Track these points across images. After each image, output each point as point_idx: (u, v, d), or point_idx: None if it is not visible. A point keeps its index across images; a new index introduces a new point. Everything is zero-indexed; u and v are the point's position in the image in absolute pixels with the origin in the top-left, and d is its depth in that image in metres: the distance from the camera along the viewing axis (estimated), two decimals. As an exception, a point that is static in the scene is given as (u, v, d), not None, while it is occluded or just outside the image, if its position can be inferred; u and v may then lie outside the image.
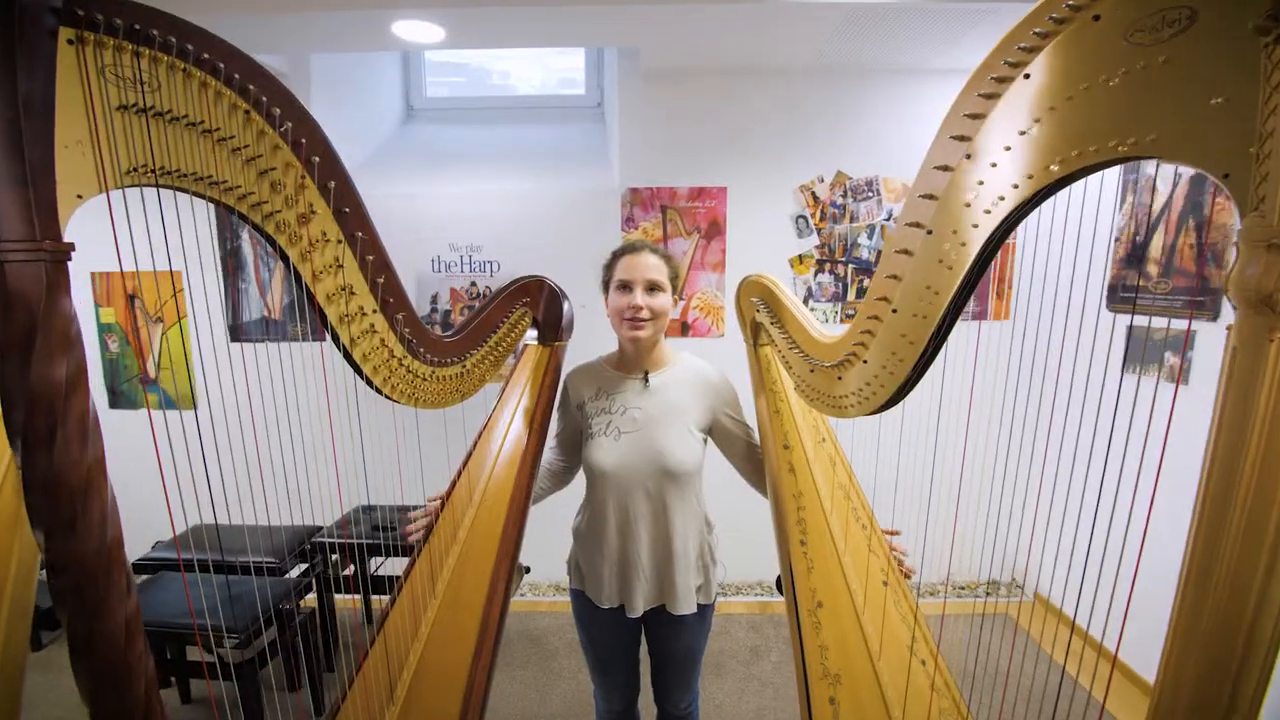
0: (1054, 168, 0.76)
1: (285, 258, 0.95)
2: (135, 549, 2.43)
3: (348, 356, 1.05)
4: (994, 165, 0.82)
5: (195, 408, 3.10)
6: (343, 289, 1.02)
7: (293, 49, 2.63)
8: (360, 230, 1.02)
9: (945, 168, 0.87)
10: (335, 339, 1.03)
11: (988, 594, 3.00)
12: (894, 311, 0.97)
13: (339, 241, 1.01)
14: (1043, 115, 0.76)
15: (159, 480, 0.88)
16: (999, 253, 0.88)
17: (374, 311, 1.06)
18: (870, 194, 2.77)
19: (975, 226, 0.84)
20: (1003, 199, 0.81)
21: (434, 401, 1.18)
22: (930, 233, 0.90)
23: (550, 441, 1.41)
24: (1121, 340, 2.43)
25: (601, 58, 3.22)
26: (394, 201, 2.87)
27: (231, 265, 2.94)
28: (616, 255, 1.31)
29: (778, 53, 2.53)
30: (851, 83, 2.72)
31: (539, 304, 1.38)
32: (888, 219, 2.79)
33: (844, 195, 2.78)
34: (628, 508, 1.29)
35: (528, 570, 1.34)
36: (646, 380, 1.33)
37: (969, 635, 2.37)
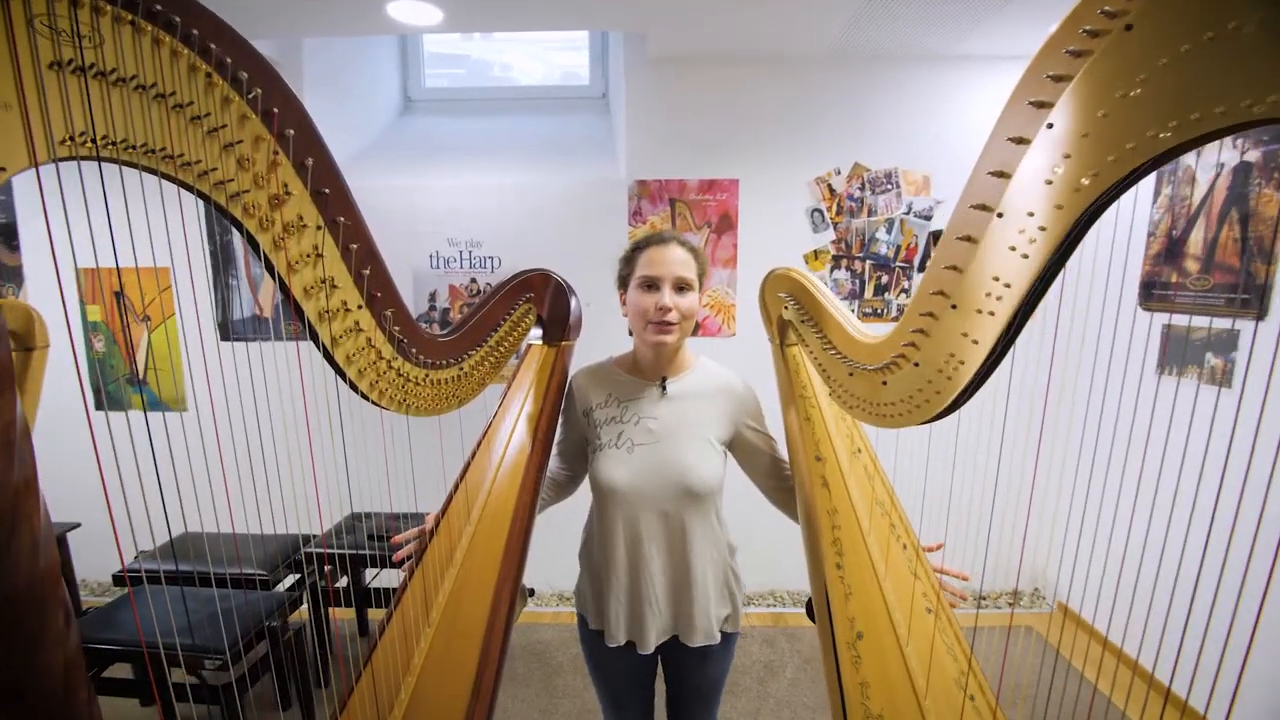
0: (1164, 135, 0.63)
1: (255, 245, 0.83)
2: (118, 559, 2.33)
3: (329, 358, 0.93)
4: (1085, 135, 0.69)
5: (185, 409, 3.00)
6: (322, 282, 0.90)
7: (283, 33, 2.50)
8: (343, 215, 0.90)
9: (1021, 140, 0.75)
10: (314, 338, 0.91)
11: (1009, 604, 2.88)
12: (953, 308, 0.84)
13: (318, 227, 0.89)
14: (1150, 73, 0.63)
15: (146, 485, 0.81)
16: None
17: (359, 307, 0.94)
18: (889, 186, 2.65)
19: (1059, 208, 0.72)
20: (1096, 175, 0.69)
21: (428, 408, 1.06)
22: (1000, 216, 0.78)
23: (552, 449, 1.29)
24: (1156, 340, 2.31)
25: (606, 45, 3.10)
26: (390, 194, 2.75)
27: (213, 260, 2.82)
28: (639, 247, 1.18)
29: (792, 38, 2.41)
30: (870, 70, 2.60)
31: (544, 300, 1.26)
32: (907, 212, 2.67)
33: (861, 188, 2.66)
34: (640, 530, 1.17)
35: (531, 594, 1.22)
36: (664, 387, 1.20)
37: (990, 647, 2.25)
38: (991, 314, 0.80)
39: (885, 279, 2.72)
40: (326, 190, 0.88)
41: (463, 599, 1.07)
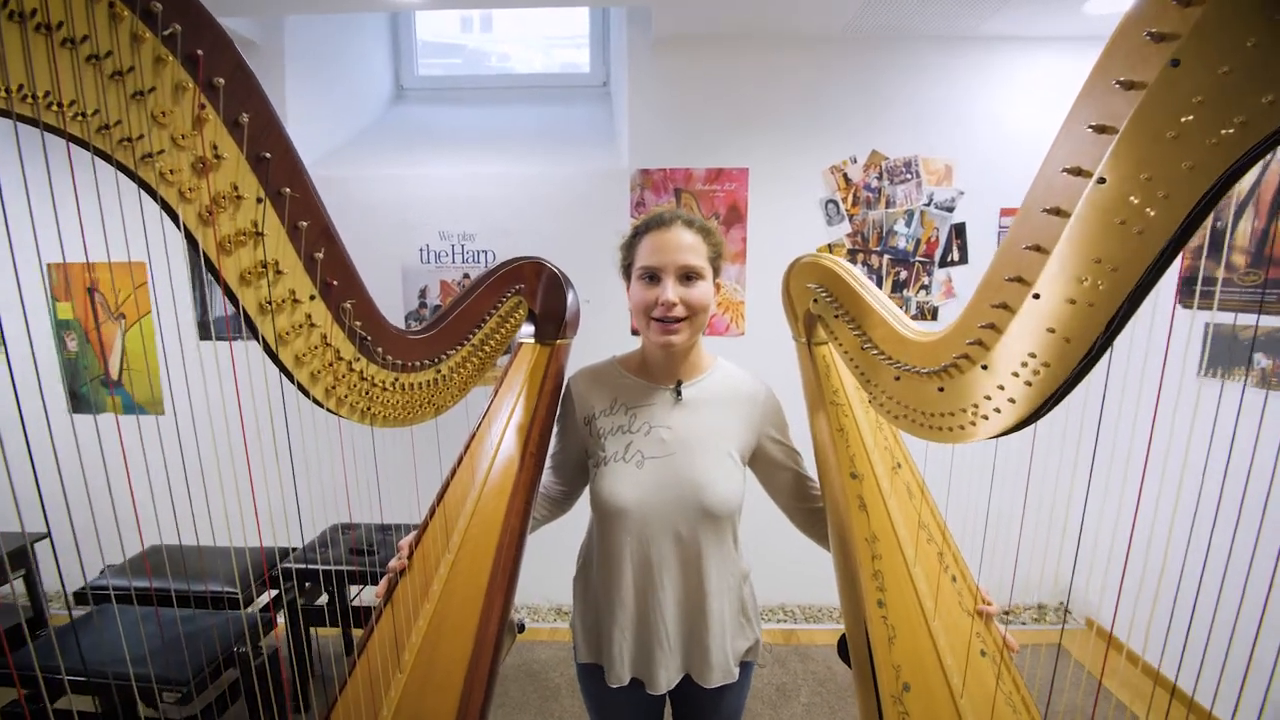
0: (1349, 64, 0.47)
1: (175, 217, 0.68)
2: (86, 572, 2.17)
3: (274, 358, 0.78)
4: (1226, 71, 0.53)
5: (162, 412, 2.84)
6: (264, 266, 0.75)
7: (262, 11, 2.35)
8: (290, 185, 0.75)
9: (1132, 84, 0.59)
10: (254, 333, 0.76)
11: (1035, 620, 2.72)
12: (1035, 298, 0.69)
13: (258, 200, 0.73)
14: (1325, -16, 0.47)
15: (121, 493, 0.75)
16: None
17: (311, 298, 0.79)
18: (909, 176, 2.49)
19: (1190, 168, 0.56)
20: (1244, 123, 0.53)
21: (398, 417, 0.91)
22: (1103, 181, 0.62)
23: (546, 462, 1.13)
24: (1197, 340, 2.15)
25: (608, 26, 2.94)
26: (378, 185, 2.60)
27: (191, 253, 2.66)
28: (639, 232, 1.03)
29: (805, 17, 2.25)
30: (888, 51, 2.44)
31: (536, 291, 1.10)
32: (928, 204, 2.51)
33: (879, 177, 2.50)
34: (650, 557, 1.01)
35: (521, 629, 1.07)
36: (679, 392, 1.05)
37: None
38: (1090, 305, 0.64)
39: (904, 275, 2.56)
40: (268, 155, 0.72)
41: (440, 641, 0.91)
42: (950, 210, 2.50)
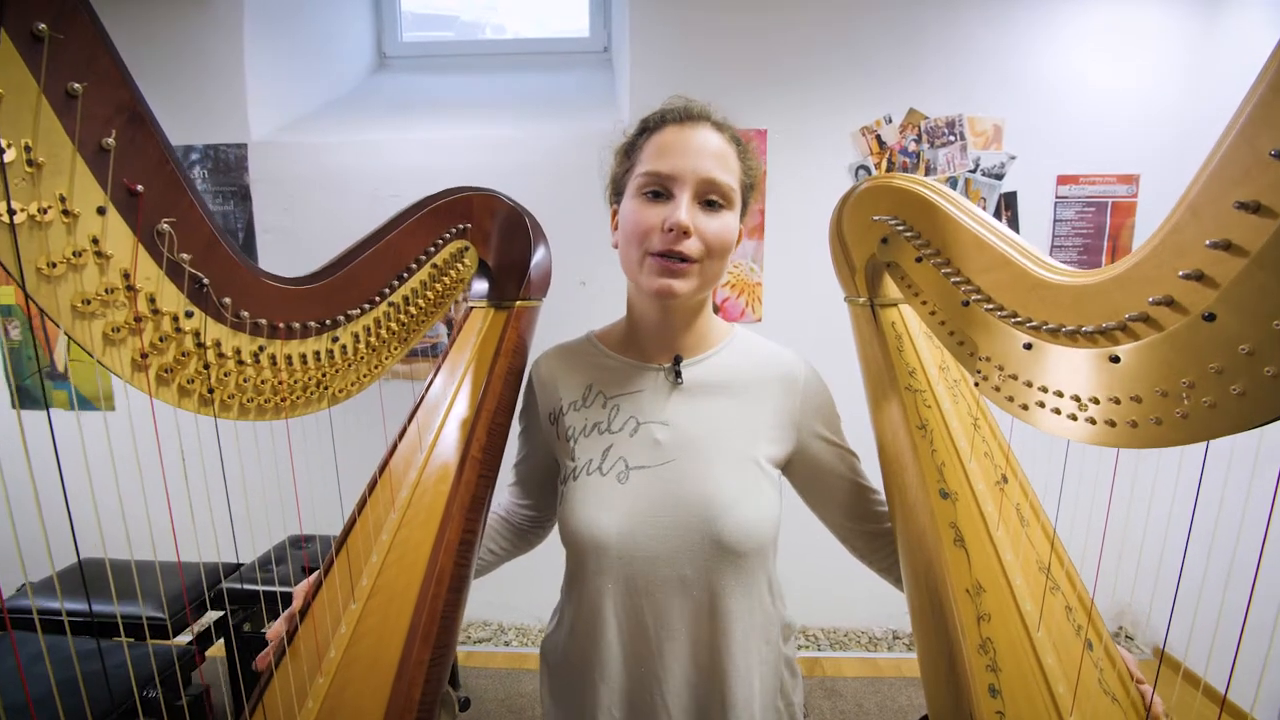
0: None
1: None
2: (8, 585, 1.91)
3: (30, 300, 0.49)
4: None
5: (113, 408, 2.58)
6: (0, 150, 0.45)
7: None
8: (54, 23, 0.45)
9: None
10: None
11: (1090, 648, 2.39)
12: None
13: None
14: None
15: (64, 497, 0.60)
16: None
17: (99, 211, 0.49)
18: (951, 138, 2.19)
19: None
20: None
21: (266, 405, 0.61)
22: None
23: (508, 475, 0.84)
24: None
25: (610, -20, 2.66)
26: (350, 152, 2.35)
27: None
28: (647, 127, 0.74)
29: (836, -48, 1.96)
30: (928, -5, 2.14)
31: (490, 235, 0.80)
32: (974, 170, 2.20)
33: (917, 140, 2.20)
34: (643, 610, 0.71)
35: (465, 705, 0.77)
36: (678, 373, 0.75)
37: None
38: None
39: (944, 253, 2.26)
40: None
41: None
42: (999, 177, 2.20)
